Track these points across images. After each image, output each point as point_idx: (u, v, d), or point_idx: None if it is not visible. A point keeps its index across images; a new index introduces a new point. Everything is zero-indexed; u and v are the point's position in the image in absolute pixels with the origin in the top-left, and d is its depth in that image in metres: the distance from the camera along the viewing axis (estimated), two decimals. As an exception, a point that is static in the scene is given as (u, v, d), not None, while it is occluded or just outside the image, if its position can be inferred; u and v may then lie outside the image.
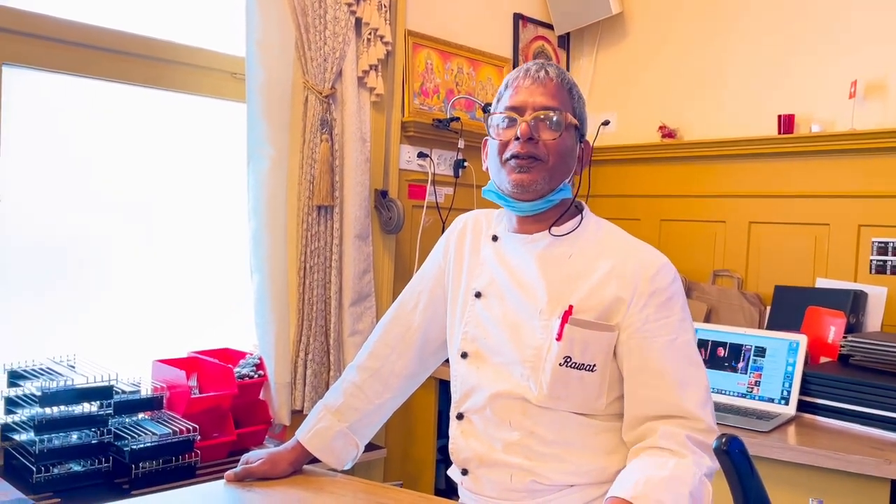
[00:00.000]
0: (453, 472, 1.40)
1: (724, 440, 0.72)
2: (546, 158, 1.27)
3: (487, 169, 1.37)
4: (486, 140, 1.38)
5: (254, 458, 1.44)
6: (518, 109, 1.29)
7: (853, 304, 2.39)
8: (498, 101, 1.35)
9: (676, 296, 1.26)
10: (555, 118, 1.27)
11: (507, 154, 1.29)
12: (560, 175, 1.30)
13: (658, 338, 1.23)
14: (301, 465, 1.47)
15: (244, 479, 1.40)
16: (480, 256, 1.40)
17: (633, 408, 1.25)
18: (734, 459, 0.72)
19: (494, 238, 1.39)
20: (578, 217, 1.35)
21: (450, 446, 1.38)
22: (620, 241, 1.32)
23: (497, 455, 1.30)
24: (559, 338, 1.24)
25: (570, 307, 1.25)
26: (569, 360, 1.24)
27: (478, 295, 1.36)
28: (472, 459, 1.33)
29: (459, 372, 1.38)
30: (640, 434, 1.23)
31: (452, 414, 1.39)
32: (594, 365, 1.25)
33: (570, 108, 1.30)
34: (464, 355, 1.37)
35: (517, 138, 1.27)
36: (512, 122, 1.29)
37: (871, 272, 2.49)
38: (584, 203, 1.40)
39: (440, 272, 1.49)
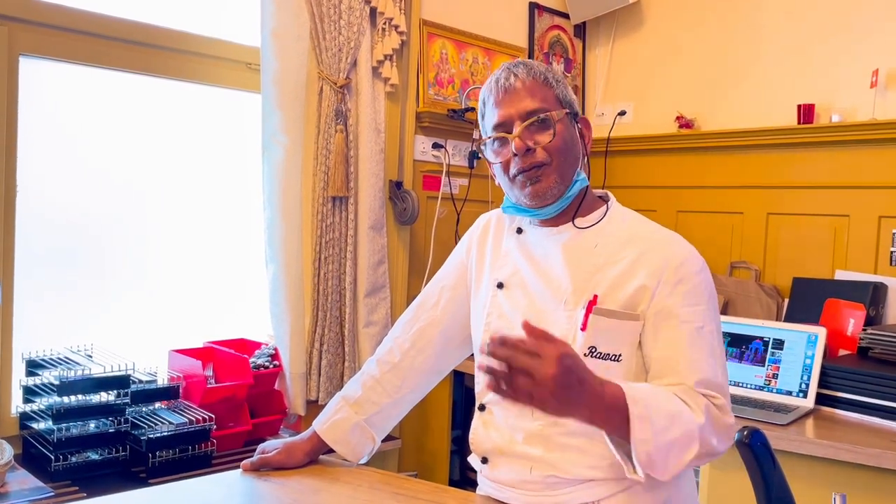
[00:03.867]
0: (473, 460, 1.40)
1: (745, 433, 0.71)
2: (549, 161, 1.26)
3: (499, 185, 1.37)
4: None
5: (270, 447, 1.45)
6: (505, 126, 1.27)
7: (873, 296, 2.36)
8: (482, 118, 1.33)
9: (703, 285, 1.24)
10: (542, 119, 1.25)
11: (513, 171, 1.28)
12: (570, 170, 1.29)
13: (684, 325, 1.21)
14: (317, 455, 1.47)
15: (260, 468, 1.41)
16: (503, 249, 1.39)
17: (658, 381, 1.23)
18: (756, 452, 0.71)
19: (519, 230, 1.39)
20: (604, 208, 1.34)
21: (470, 437, 1.37)
22: (647, 231, 1.31)
23: (517, 447, 1.29)
24: (584, 328, 1.23)
25: (595, 297, 1.24)
26: (594, 350, 1.23)
27: (500, 286, 1.36)
28: (492, 450, 1.33)
29: (482, 363, 1.37)
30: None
31: (476, 405, 1.39)
32: (619, 355, 1.23)
33: (552, 99, 1.28)
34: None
35: (515, 154, 1.26)
36: (504, 141, 1.28)
37: (891, 264, 2.45)
38: (609, 193, 1.39)
39: (463, 269, 1.48)
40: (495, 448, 1.32)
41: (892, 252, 2.46)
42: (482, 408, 1.36)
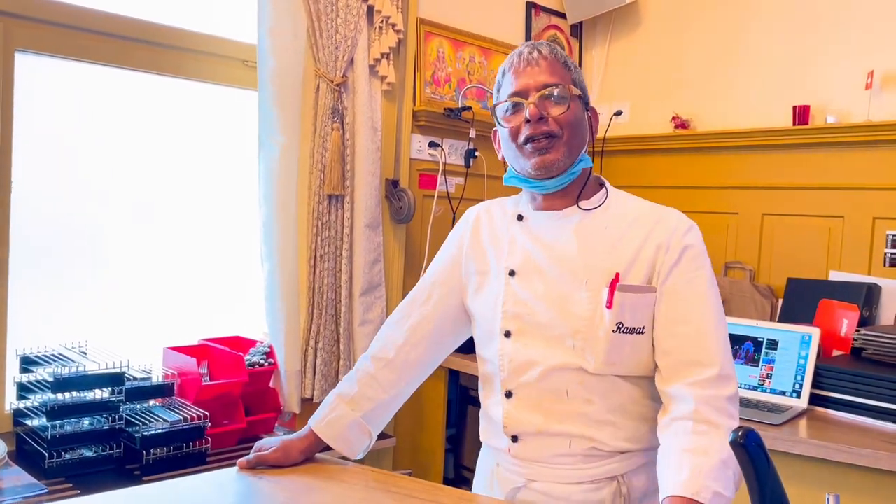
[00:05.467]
0: (494, 440, 1.39)
1: (740, 433, 0.71)
2: (560, 133, 1.30)
3: (503, 158, 1.39)
4: (496, 130, 1.40)
5: (266, 445, 1.44)
6: (521, 93, 1.31)
7: (867, 297, 2.37)
8: (498, 90, 1.37)
9: (705, 254, 1.33)
10: (558, 93, 1.30)
11: (522, 138, 1.31)
12: (577, 146, 1.33)
13: (690, 290, 1.28)
14: (313, 453, 1.47)
15: (256, 466, 1.41)
16: (506, 238, 1.41)
17: (663, 356, 1.29)
18: (751, 452, 0.71)
19: (520, 217, 1.40)
20: (604, 190, 1.39)
21: (503, 420, 1.36)
22: (649, 208, 1.37)
23: (556, 426, 1.31)
24: (609, 305, 1.27)
25: (617, 275, 1.28)
26: (621, 325, 1.28)
27: (512, 273, 1.37)
28: (528, 431, 1.34)
29: (506, 350, 1.36)
30: (673, 396, 1.26)
31: (501, 391, 1.37)
32: (643, 328, 1.29)
33: (569, 80, 1.33)
34: (507, 334, 1.36)
35: (527, 121, 1.29)
36: (518, 107, 1.32)
37: (885, 265, 2.46)
38: (604, 178, 1.44)
39: (454, 265, 1.49)
40: (533, 428, 1.33)
41: (885, 253, 2.46)
42: (509, 394, 1.36)
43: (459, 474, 2.85)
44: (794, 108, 2.66)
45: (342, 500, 1.28)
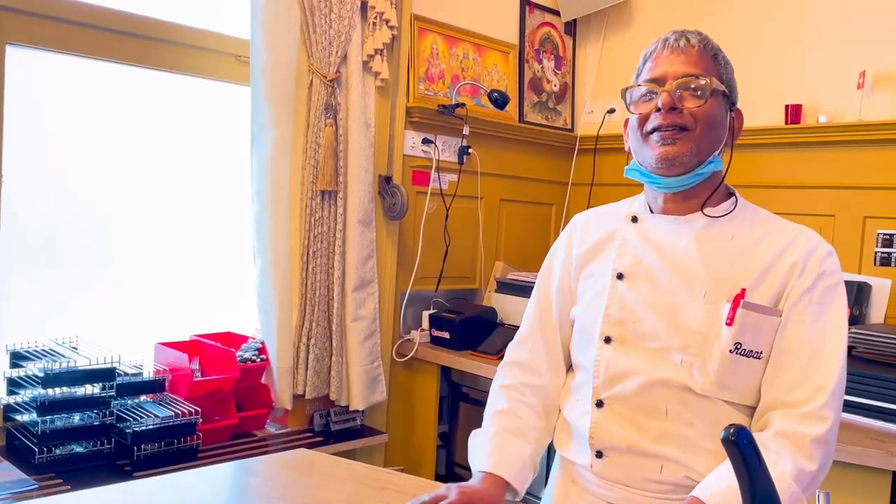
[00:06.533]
0: (574, 454, 1.30)
1: (732, 431, 0.71)
2: (692, 127, 1.20)
3: (629, 148, 1.29)
4: (627, 119, 1.29)
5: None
6: (658, 80, 1.22)
7: (857, 295, 2.38)
8: (637, 76, 1.28)
9: (841, 285, 1.20)
10: (698, 85, 1.20)
11: (649, 127, 1.22)
12: (708, 146, 1.22)
13: (818, 322, 1.16)
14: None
15: None
16: (617, 239, 1.31)
17: (770, 391, 1.17)
18: (742, 450, 0.72)
19: (634, 219, 1.30)
20: (733, 199, 1.29)
21: (590, 431, 1.26)
22: (783, 224, 1.26)
23: (648, 445, 1.20)
24: (730, 322, 1.16)
25: (743, 290, 1.17)
26: (739, 346, 1.17)
27: (620, 276, 1.27)
28: (616, 446, 1.23)
29: (604, 356, 1.26)
30: (763, 422, 1.16)
31: (591, 400, 1.27)
32: (760, 352, 1.17)
33: (715, 74, 1.23)
34: (608, 339, 1.27)
35: (658, 110, 1.20)
36: (651, 95, 1.22)
37: (875, 264, 2.48)
38: (733, 188, 1.33)
39: (562, 276, 1.39)
40: (624, 444, 1.22)
41: (876, 252, 2.48)
42: (600, 404, 1.26)
43: (451, 471, 2.86)
44: (787, 107, 2.67)
45: (335, 497, 1.28)
